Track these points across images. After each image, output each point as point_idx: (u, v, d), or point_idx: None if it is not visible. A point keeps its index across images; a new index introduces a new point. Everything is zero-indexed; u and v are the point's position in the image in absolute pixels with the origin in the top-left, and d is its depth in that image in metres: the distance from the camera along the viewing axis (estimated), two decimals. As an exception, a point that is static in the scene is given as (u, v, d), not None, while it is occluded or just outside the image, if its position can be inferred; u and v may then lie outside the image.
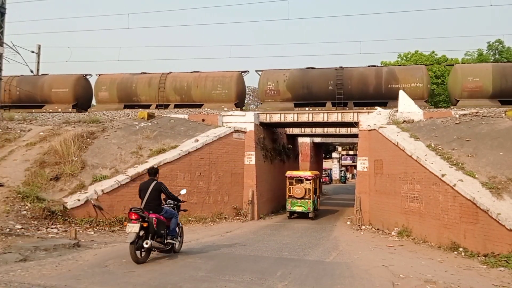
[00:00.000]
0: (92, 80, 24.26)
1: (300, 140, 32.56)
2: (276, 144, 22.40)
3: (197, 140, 15.89)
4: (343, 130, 25.19)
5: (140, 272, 7.30)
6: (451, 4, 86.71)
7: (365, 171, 16.12)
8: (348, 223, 16.67)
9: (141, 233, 7.88)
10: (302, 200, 18.60)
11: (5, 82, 22.12)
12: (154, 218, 8.27)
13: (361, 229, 15.05)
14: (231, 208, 16.58)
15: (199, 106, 21.69)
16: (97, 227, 12.06)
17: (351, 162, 63.47)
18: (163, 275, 7.18)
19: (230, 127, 17.36)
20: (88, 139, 15.65)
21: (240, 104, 21.96)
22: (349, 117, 18.85)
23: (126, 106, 22.73)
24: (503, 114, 14.83)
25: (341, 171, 58.12)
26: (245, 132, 17.71)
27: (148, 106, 22.44)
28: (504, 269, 8.53)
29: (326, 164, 53.92)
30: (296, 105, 20.67)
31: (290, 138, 26.46)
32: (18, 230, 10.03)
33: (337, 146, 55.43)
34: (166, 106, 22.20)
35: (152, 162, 14.36)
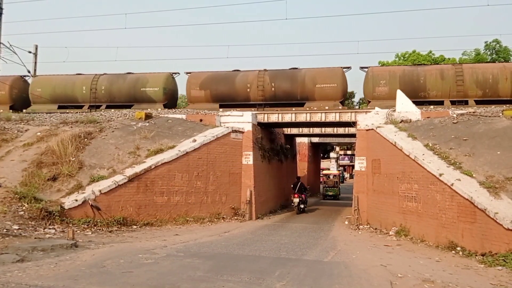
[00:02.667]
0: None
1: (298, 140, 32.54)
2: (274, 144, 22.41)
3: (195, 140, 15.87)
4: (340, 130, 25.21)
5: (138, 272, 7.28)
6: (448, 4, 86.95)
7: (363, 171, 16.12)
8: (346, 222, 16.68)
9: (299, 202, 20.34)
10: (332, 188, 31.90)
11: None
12: (302, 196, 20.81)
13: (359, 229, 15.06)
14: (229, 208, 16.57)
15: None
16: (95, 228, 12.03)
17: (349, 162, 63.51)
18: (161, 275, 7.17)
19: (228, 127, 17.34)
20: (86, 139, 15.61)
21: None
22: (346, 116, 18.86)
23: (221, 106, 21.69)
24: (500, 114, 14.86)
25: (339, 170, 58.10)
26: (243, 132, 17.70)
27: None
28: (501, 268, 8.54)
29: (324, 164, 53.91)
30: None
31: (288, 138, 26.46)
32: (15, 231, 10.00)
33: (335, 146, 55.42)
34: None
35: (150, 162, 14.35)
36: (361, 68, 21.47)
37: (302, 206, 20.99)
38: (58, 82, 23.69)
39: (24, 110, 23.73)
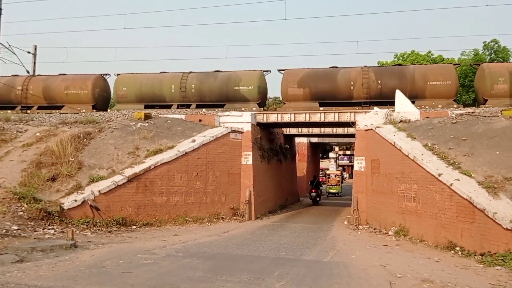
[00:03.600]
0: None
1: (297, 140, 32.55)
2: (273, 144, 22.41)
3: (194, 141, 15.88)
4: (340, 130, 25.21)
5: (137, 272, 7.29)
6: (447, 4, 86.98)
7: (362, 171, 16.13)
8: (345, 222, 16.69)
9: (315, 195, 26.38)
10: (335, 186, 35.78)
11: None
12: (318, 191, 27.05)
13: (358, 229, 15.06)
14: (228, 208, 16.57)
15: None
16: (94, 228, 12.02)
17: (348, 162, 63.51)
18: (160, 275, 7.17)
19: (227, 127, 17.35)
20: (85, 140, 15.61)
21: None
22: (346, 117, 18.86)
23: (321, 105, 20.78)
24: (499, 114, 14.88)
25: (339, 170, 58.10)
26: (242, 132, 17.71)
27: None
28: (500, 268, 8.56)
29: (323, 164, 53.94)
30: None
31: (287, 138, 26.46)
32: (14, 231, 10.00)
33: (334, 146, 55.45)
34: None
35: (149, 162, 14.35)
36: (473, 64, 20.94)
37: (317, 199, 27.28)
38: (144, 80, 22.67)
39: (109, 110, 22.80)
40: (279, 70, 21.81)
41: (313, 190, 26.95)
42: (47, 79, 23.77)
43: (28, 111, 22.93)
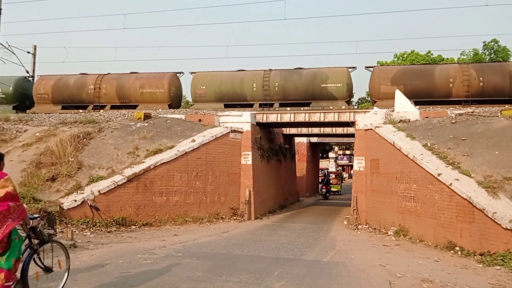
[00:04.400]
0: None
1: (297, 140, 32.59)
2: (272, 144, 22.42)
3: (193, 140, 15.88)
4: (339, 130, 25.23)
5: (137, 273, 7.29)
6: (447, 4, 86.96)
7: (362, 171, 16.14)
8: (345, 222, 16.70)
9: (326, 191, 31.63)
10: (336, 184, 38.18)
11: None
12: (328, 187, 31.52)
13: (358, 229, 15.08)
14: (228, 208, 16.58)
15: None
16: (94, 228, 12.03)
17: (347, 161, 63.60)
18: (160, 275, 7.18)
19: (226, 127, 17.35)
20: (85, 140, 15.60)
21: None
22: (345, 116, 18.87)
23: (417, 103, 19.56)
24: (499, 114, 14.89)
25: (338, 170, 58.19)
26: (241, 132, 17.71)
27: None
28: (500, 268, 8.57)
29: (322, 164, 53.97)
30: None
31: (286, 138, 26.49)
32: (14, 231, 9.99)
33: (333, 146, 55.51)
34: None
35: (149, 162, 14.35)
36: None
37: (327, 194, 32.22)
38: (224, 78, 21.79)
39: (186, 110, 22.14)
40: (367, 67, 21.19)
41: (324, 187, 32.21)
42: (120, 77, 23.03)
43: (101, 111, 22.03)
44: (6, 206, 4.56)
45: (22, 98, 24.25)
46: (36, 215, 5.38)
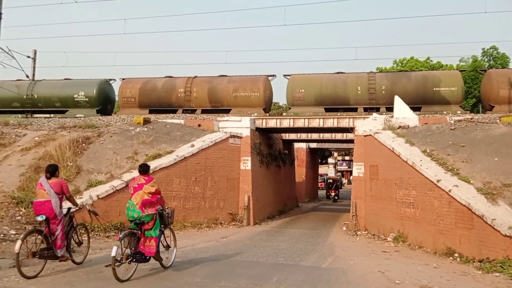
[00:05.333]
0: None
1: (296, 145, 32.60)
2: (272, 150, 22.43)
3: (193, 145, 15.88)
4: (338, 136, 25.27)
5: (134, 278, 7.26)
6: (446, 10, 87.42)
7: (361, 177, 16.14)
8: (344, 228, 16.68)
9: (334, 195, 34.99)
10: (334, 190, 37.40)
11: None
12: (337, 192, 35.18)
13: (356, 235, 15.05)
14: (226, 213, 16.55)
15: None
16: (92, 233, 11.97)
17: (346, 167, 63.60)
18: (158, 280, 7.15)
19: (226, 132, 17.36)
20: (84, 144, 15.59)
21: None
22: (344, 122, 18.89)
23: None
24: (498, 120, 14.92)
25: (337, 176, 58.21)
26: (241, 137, 17.72)
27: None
28: (499, 275, 8.54)
29: (322, 169, 53.98)
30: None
31: (286, 143, 26.50)
32: (12, 236, 9.97)
33: (333, 152, 55.57)
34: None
35: (148, 167, 14.30)
36: None
37: (336, 198, 34.94)
38: (325, 81, 20.92)
39: (284, 114, 21.07)
40: (480, 71, 20.28)
41: (333, 191, 35.48)
42: (211, 80, 22.14)
43: (193, 115, 21.28)
44: (156, 198, 7.56)
45: (105, 101, 23.40)
46: (167, 207, 8.11)
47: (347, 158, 61.27)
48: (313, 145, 35.81)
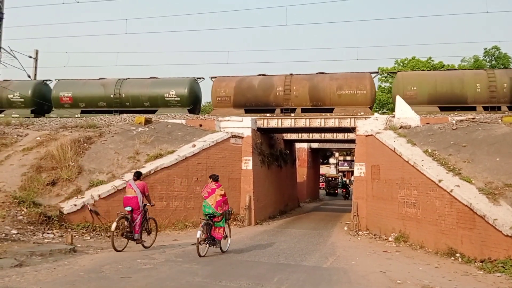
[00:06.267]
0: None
1: (297, 145, 32.57)
2: (273, 150, 22.42)
3: (194, 145, 15.88)
4: (340, 136, 25.23)
5: (136, 277, 7.27)
6: (448, 10, 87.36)
7: (362, 177, 16.13)
8: (345, 228, 16.66)
9: (345, 193, 39.32)
10: (334, 187, 44.19)
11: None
12: (347, 190, 39.15)
13: (358, 235, 15.04)
14: (228, 213, 16.51)
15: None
16: (94, 232, 12.00)
17: (348, 167, 63.46)
18: (159, 280, 7.15)
19: (227, 132, 17.36)
20: (85, 144, 15.61)
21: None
22: (346, 122, 18.87)
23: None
24: (500, 120, 14.90)
25: (337, 175, 58.14)
26: (242, 137, 17.72)
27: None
28: (500, 275, 8.54)
29: (323, 169, 53.95)
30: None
31: (287, 143, 26.49)
32: (14, 235, 9.98)
33: (334, 152, 55.51)
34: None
35: (149, 167, 14.34)
36: None
37: (347, 195, 37.82)
38: (440, 78, 19.88)
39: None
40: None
41: (343, 190, 40.66)
42: (312, 78, 20.72)
43: (292, 114, 20.34)
44: (224, 198, 10.12)
45: (195, 101, 22.51)
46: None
47: (348, 158, 61.18)
48: (315, 145, 35.80)
